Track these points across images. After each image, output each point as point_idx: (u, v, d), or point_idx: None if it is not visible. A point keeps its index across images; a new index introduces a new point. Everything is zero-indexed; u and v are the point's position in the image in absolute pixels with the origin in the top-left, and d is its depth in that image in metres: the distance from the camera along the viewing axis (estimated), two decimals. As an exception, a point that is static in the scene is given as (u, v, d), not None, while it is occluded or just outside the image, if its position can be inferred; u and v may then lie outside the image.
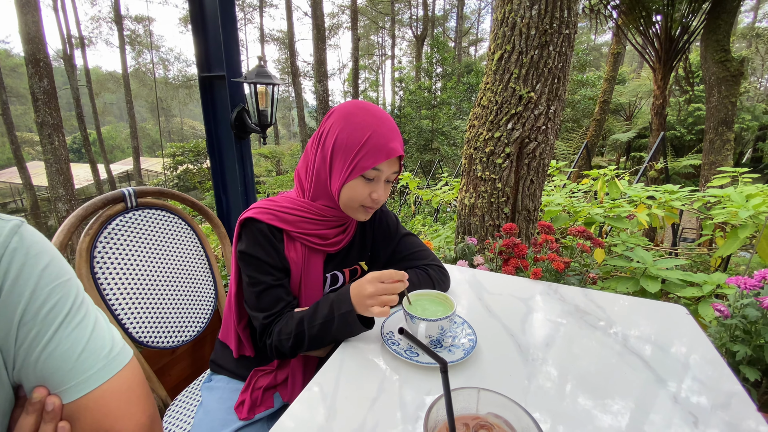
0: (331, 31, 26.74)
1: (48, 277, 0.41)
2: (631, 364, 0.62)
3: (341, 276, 0.87)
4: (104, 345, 0.44)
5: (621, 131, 14.87)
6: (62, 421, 0.41)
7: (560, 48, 2.34)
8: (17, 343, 0.40)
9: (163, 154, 16.29)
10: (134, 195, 0.90)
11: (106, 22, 23.58)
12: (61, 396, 0.41)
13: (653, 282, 1.86)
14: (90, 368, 0.42)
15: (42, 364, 0.40)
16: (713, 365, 0.60)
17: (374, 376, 0.60)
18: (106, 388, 0.43)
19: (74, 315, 0.43)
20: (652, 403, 0.53)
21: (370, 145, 0.71)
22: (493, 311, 0.79)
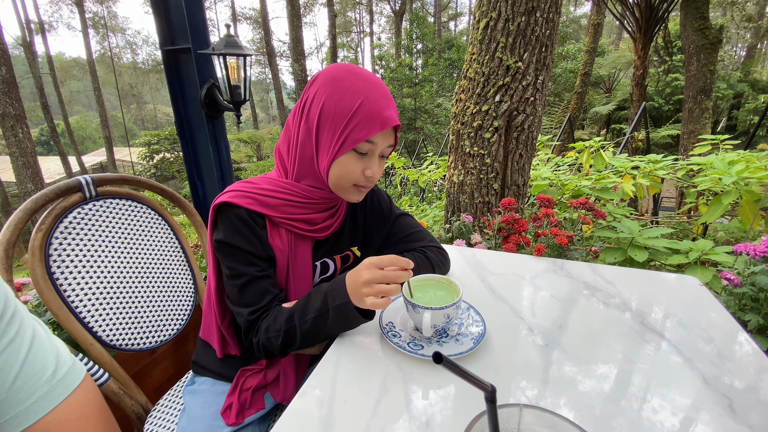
0: (306, 8, 25.75)
1: None
2: (652, 343, 0.58)
3: (332, 264, 0.79)
4: (46, 366, 0.36)
5: (601, 104, 14.96)
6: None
7: (548, 14, 2.25)
8: None
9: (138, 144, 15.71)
10: (93, 183, 0.80)
11: (66, 4, 22.16)
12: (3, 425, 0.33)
13: (641, 251, 1.86)
14: (29, 397, 0.34)
15: None
16: (737, 340, 0.56)
17: (375, 374, 0.53)
18: (50, 419, 0.35)
19: (3, 332, 0.34)
20: (682, 385, 0.49)
21: (362, 113, 0.61)
22: (498, 293, 0.73)
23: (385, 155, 0.69)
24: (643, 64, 7.34)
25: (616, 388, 0.49)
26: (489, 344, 0.58)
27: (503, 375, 0.52)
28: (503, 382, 0.50)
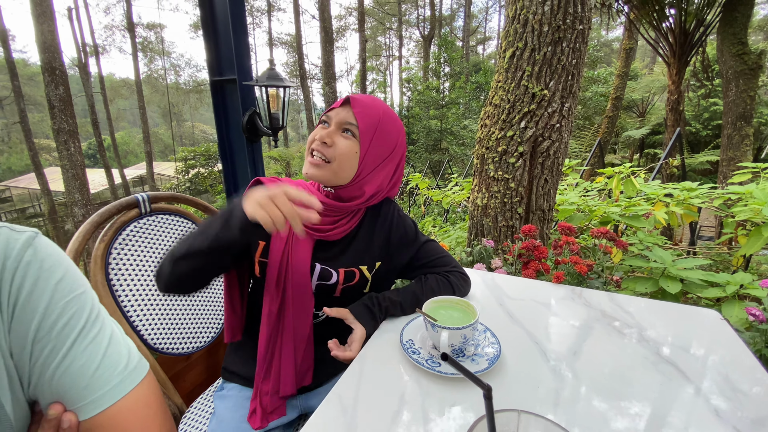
0: (338, 33, 26.83)
1: (62, 291, 0.40)
2: (666, 374, 0.59)
3: (335, 275, 0.80)
4: (120, 359, 0.43)
5: (634, 128, 14.60)
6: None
7: (574, 44, 2.29)
8: (32, 360, 0.39)
9: (176, 158, 16.52)
10: (148, 200, 0.90)
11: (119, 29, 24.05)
12: (78, 413, 0.40)
13: (673, 282, 1.80)
14: (106, 384, 0.41)
15: (57, 380, 0.39)
16: (755, 375, 0.57)
17: (396, 386, 0.58)
18: (122, 404, 0.42)
19: (89, 329, 0.42)
20: (693, 417, 0.50)
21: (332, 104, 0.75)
22: (515, 317, 0.76)
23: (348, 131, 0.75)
24: (678, 89, 7.17)
25: (625, 415, 0.51)
26: (503, 365, 0.61)
27: (515, 396, 0.55)
28: (514, 403, 0.53)
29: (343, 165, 0.74)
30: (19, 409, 0.39)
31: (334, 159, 0.73)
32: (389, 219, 0.85)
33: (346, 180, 0.76)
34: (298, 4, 17.81)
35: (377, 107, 0.77)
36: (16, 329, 0.38)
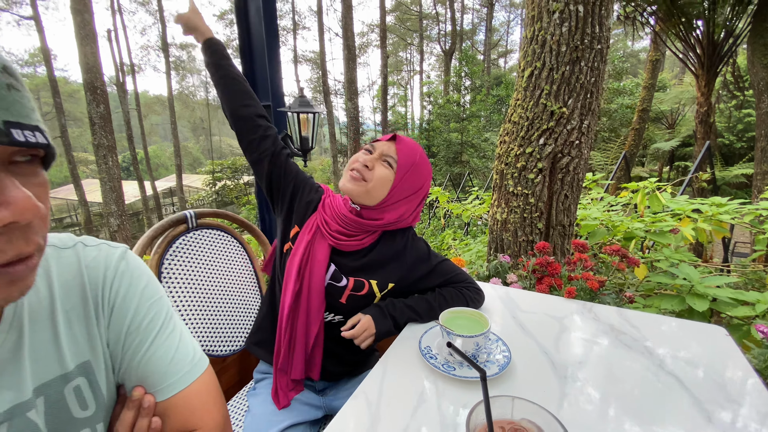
0: (360, 50, 27.48)
1: (147, 295, 0.50)
2: (667, 384, 0.63)
3: (344, 279, 0.89)
4: (188, 353, 0.52)
5: (663, 140, 14.19)
6: (155, 417, 0.48)
7: (592, 63, 2.33)
8: (124, 350, 0.48)
9: (210, 171, 17.15)
10: (195, 217, 1.01)
11: (154, 49, 25.45)
12: (155, 395, 0.49)
13: (701, 300, 1.77)
14: (178, 372, 0.50)
15: (142, 367, 0.48)
16: (755, 390, 0.60)
17: (414, 387, 0.65)
18: (190, 389, 0.51)
19: (166, 327, 0.51)
20: (687, 422, 0.54)
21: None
22: (527, 329, 0.82)
23: (388, 163, 0.86)
24: (708, 101, 6.99)
25: (623, 418, 0.56)
26: (513, 372, 0.67)
27: (522, 394, 0.61)
28: None
29: (376, 187, 0.84)
30: (109, 392, 0.49)
31: (371, 180, 0.84)
32: (404, 242, 0.94)
33: (374, 202, 0.86)
34: (322, 23, 18.43)
35: (417, 150, 0.88)
36: (113, 325, 0.47)
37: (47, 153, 0.34)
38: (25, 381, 0.41)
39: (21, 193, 0.31)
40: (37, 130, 0.32)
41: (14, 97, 0.31)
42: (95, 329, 0.46)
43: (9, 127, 0.30)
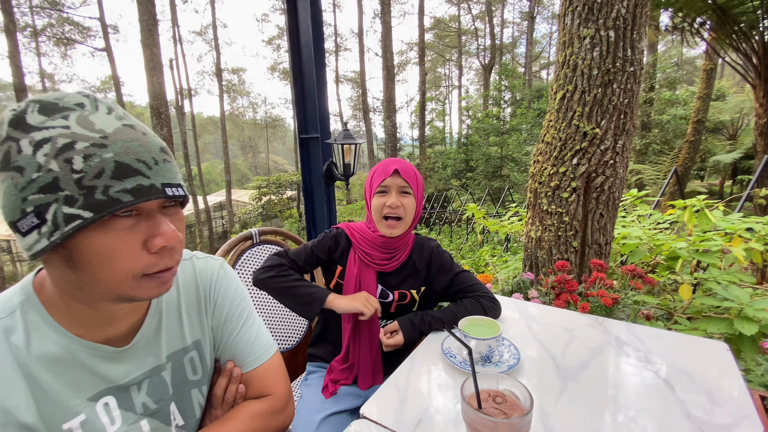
0: (399, 68, 28.13)
1: (237, 294, 0.68)
2: (658, 388, 0.71)
3: (390, 294, 1.08)
4: (264, 339, 0.70)
5: (723, 152, 13.22)
6: (240, 384, 0.66)
7: (625, 85, 2.37)
8: (221, 333, 0.66)
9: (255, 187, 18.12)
10: (258, 234, 1.22)
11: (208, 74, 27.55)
12: (242, 368, 0.67)
13: (750, 324, 1.72)
14: (257, 352, 0.68)
15: (232, 347, 0.67)
16: (741, 402, 0.67)
17: (435, 378, 0.79)
18: (266, 365, 0.68)
19: (249, 319, 0.69)
20: (671, 422, 0.63)
21: (377, 172, 1.04)
22: (539, 338, 0.92)
23: (405, 192, 1.03)
24: (767, 113, 6.54)
25: (614, 414, 0.66)
26: (521, 371, 0.79)
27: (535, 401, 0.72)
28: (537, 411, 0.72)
29: (409, 216, 1.03)
30: (211, 363, 0.67)
31: (406, 215, 1.02)
32: (430, 253, 1.12)
33: (408, 226, 1.04)
34: (362, 44, 19.17)
35: (411, 167, 1.06)
36: (215, 315, 0.66)
37: (185, 199, 0.53)
38: (161, 350, 0.59)
39: (169, 228, 0.48)
40: (179, 187, 0.49)
41: (167, 167, 0.48)
42: (204, 317, 0.65)
43: (164, 186, 0.47)
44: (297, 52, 1.56)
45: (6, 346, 0.47)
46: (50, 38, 17.70)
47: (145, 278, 0.48)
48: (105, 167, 0.43)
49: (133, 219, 0.46)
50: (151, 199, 0.45)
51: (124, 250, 0.46)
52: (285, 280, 1.00)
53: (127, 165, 0.44)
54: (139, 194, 0.44)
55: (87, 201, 0.42)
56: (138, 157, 0.45)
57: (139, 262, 0.47)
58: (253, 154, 37.17)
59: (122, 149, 0.44)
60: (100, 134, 0.44)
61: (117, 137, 0.45)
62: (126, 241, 0.46)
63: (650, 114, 13.13)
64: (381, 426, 0.65)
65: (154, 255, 0.48)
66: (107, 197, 0.43)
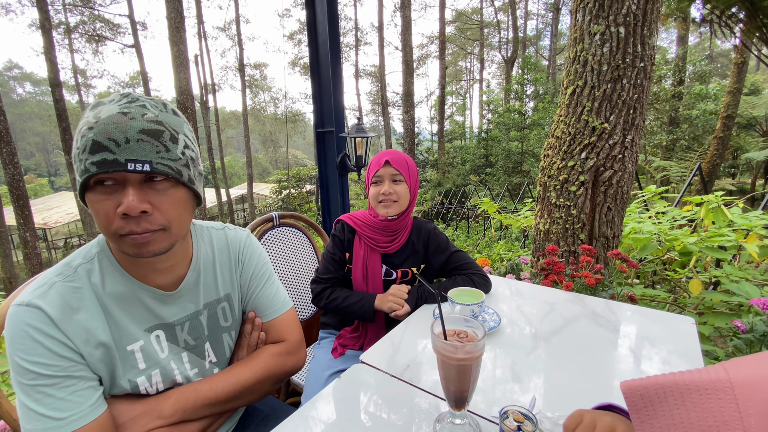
0: (419, 62, 27.98)
1: (260, 258, 0.82)
2: (621, 350, 0.82)
3: (394, 273, 1.21)
4: (282, 295, 0.84)
5: (756, 149, 12.66)
6: (262, 332, 0.80)
7: (635, 81, 2.40)
8: (248, 288, 0.81)
9: (276, 181, 18.48)
10: (278, 217, 1.37)
11: (231, 70, 28.13)
12: (262, 318, 0.81)
13: (759, 319, 1.75)
14: (276, 305, 0.82)
15: (256, 300, 0.81)
16: (692, 366, 0.76)
17: (424, 336, 0.92)
18: (283, 317, 0.82)
19: (270, 279, 0.83)
20: (625, 375, 0.73)
21: (371, 165, 1.18)
22: (522, 309, 1.04)
23: (397, 180, 1.15)
24: (801, 107, 6.29)
25: (576, 369, 0.76)
26: (500, 332, 0.91)
27: (502, 347, 0.84)
28: (500, 351, 0.84)
29: (403, 199, 1.15)
30: (239, 313, 0.82)
31: (399, 199, 1.15)
32: (427, 234, 1.24)
33: (404, 209, 1.16)
34: (382, 38, 19.19)
35: (402, 156, 1.17)
36: (243, 274, 0.80)
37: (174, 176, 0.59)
38: (200, 299, 0.74)
39: (130, 199, 0.56)
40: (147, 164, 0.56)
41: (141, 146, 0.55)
42: (234, 275, 0.79)
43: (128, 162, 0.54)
44: (315, 50, 1.69)
45: (88, 284, 0.62)
46: (82, 35, 18.49)
47: (121, 238, 0.58)
48: (87, 144, 0.55)
49: (112, 188, 0.57)
50: (110, 171, 0.55)
51: (101, 211, 0.57)
52: (336, 303, 1.15)
53: (99, 143, 0.54)
54: (102, 166, 0.54)
55: (79, 168, 0.56)
56: (110, 136, 0.55)
57: (112, 224, 0.57)
58: (273, 148, 37.83)
59: (100, 130, 0.55)
60: (95, 120, 0.56)
61: (103, 121, 0.55)
62: (103, 204, 0.57)
63: (678, 109, 12.67)
64: (376, 369, 0.78)
65: (122, 219, 0.57)
66: (84, 167, 0.55)
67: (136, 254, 0.61)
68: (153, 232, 0.60)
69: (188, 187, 0.64)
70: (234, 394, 0.72)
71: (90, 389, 0.60)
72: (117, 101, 0.59)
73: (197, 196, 0.68)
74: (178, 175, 0.61)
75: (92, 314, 0.61)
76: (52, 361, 0.56)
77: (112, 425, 0.61)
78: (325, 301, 1.15)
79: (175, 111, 0.64)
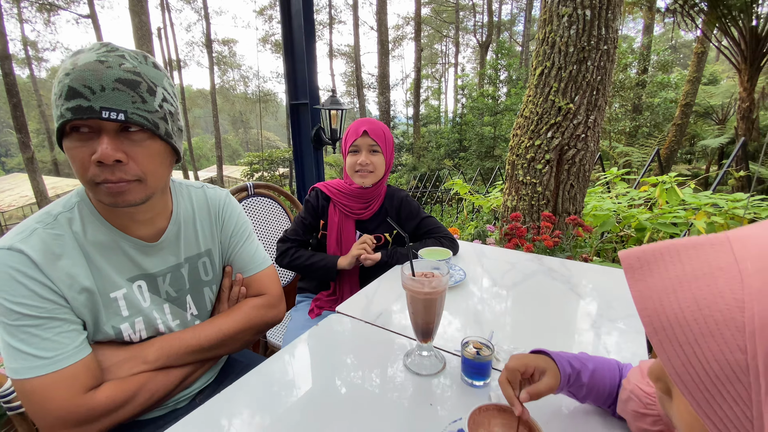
0: (395, 43, 27.60)
1: (240, 217, 0.85)
2: (571, 298, 0.91)
3: None
4: (261, 254, 0.88)
5: (711, 136, 13.45)
6: (243, 287, 0.84)
7: (598, 63, 2.51)
8: (229, 245, 0.83)
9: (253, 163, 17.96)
10: (252, 187, 1.38)
11: (198, 45, 26.76)
12: (243, 274, 0.84)
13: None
14: (256, 261, 0.85)
15: (237, 257, 0.84)
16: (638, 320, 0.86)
17: (396, 290, 1.00)
18: (262, 273, 0.86)
19: (250, 237, 0.86)
20: (575, 320, 0.83)
21: (349, 133, 1.20)
22: (485, 267, 1.13)
23: (374, 150, 1.19)
24: (750, 97, 6.71)
25: (530, 315, 0.86)
26: (465, 284, 1.01)
27: (466, 298, 0.92)
28: (464, 300, 0.92)
29: (379, 169, 1.20)
30: (220, 269, 0.84)
31: (375, 169, 1.20)
32: (400, 201, 1.30)
33: (380, 178, 1.21)
34: (357, 17, 18.77)
35: (380, 126, 1.20)
36: (224, 231, 0.82)
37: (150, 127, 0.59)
38: (180, 252, 0.76)
39: (105, 147, 0.56)
40: (122, 113, 0.56)
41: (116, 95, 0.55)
42: (215, 231, 0.81)
43: (102, 109, 0.54)
44: (288, 20, 1.67)
45: (70, 231, 0.64)
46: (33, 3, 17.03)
47: (97, 186, 0.59)
48: (63, 90, 0.55)
49: (88, 135, 0.58)
50: (84, 118, 0.55)
51: (77, 157, 0.58)
52: (300, 261, 1.18)
53: (75, 89, 0.55)
54: (77, 112, 0.55)
55: (55, 114, 0.57)
56: (85, 83, 0.55)
57: (87, 171, 0.58)
58: (244, 129, 36.63)
59: (76, 77, 0.55)
60: (72, 66, 0.56)
61: (80, 68, 0.55)
62: (79, 151, 0.58)
63: (642, 96, 13.20)
64: (351, 317, 0.84)
65: (97, 167, 0.58)
66: (60, 113, 0.56)
67: (112, 203, 0.62)
68: (128, 182, 0.61)
69: (165, 141, 0.64)
70: (216, 342, 0.76)
71: (74, 332, 0.62)
72: (96, 49, 0.59)
73: (176, 152, 0.69)
74: (154, 128, 0.61)
75: (75, 261, 0.63)
76: (37, 302, 0.58)
77: (97, 367, 0.64)
78: (289, 258, 1.18)
79: (156, 64, 0.64)
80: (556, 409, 0.58)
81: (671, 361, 0.27)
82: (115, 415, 0.63)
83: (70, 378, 0.59)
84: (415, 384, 0.64)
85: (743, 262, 0.26)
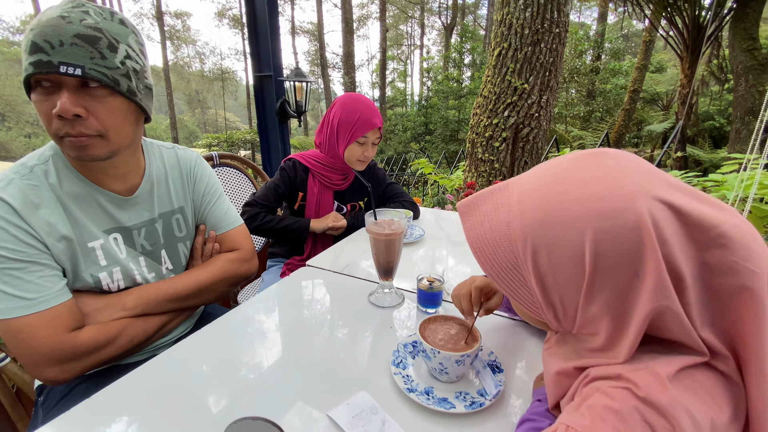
0: (360, 22, 27.03)
1: (211, 177, 0.89)
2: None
3: (344, 207, 1.36)
4: (233, 212, 0.92)
5: (656, 122, 14.41)
6: (216, 243, 0.89)
7: (551, 45, 2.66)
8: (201, 204, 0.87)
9: (202, 144, 17.20)
10: (218, 157, 1.40)
11: (148, 18, 24.91)
12: (216, 231, 0.89)
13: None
14: (228, 219, 0.90)
15: (209, 215, 0.88)
16: None
17: (362, 245, 1.10)
18: (235, 230, 0.90)
19: (221, 197, 0.90)
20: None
21: (360, 121, 1.18)
22: (443, 228, 1.26)
23: (376, 143, 1.25)
24: (690, 83, 7.25)
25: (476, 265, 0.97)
26: (424, 240, 1.14)
27: (423, 250, 1.04)
28: (422, 252, 1.04)
29: None
30: (193, 226, 0.88)
31: (371, 157, 1.27)
32: (369, 169, 1.39)
33: None
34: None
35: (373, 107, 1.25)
36: (195, 190, 0.86)
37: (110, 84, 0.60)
38: (154, 208, 0.80)
39: (64, 101, 0.57)
40: (80, 68, 0.57)
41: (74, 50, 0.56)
42: (187, 190, 0.85)
43: (60, 64, 0.55)
44: (250, -11, 1.66)
45: (46, 183, 0.66)
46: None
47: (60, 139, 0.62)
48: (27, 44, 0.57)
49: (50, 89, 0.59)
50: (44, 72, 0.56)
51: (41, 111, 0.60)
52: (270, 224, 1.21)
53: (36, 43, 0.56)
54: (37, 66, 0.56)
55: (23, 67, 0.59)
56: (45, 38, 0.56)
57: (51, 125, 0.61)
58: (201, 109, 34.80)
59: (39, 32, 0.57)
60: (38, 21, 0.58)
61: (42, 23, 0.57)
62: (43, 105, 0.60)
63: (595, 83, 13.85)
64: (321, 269, 0.92)
65: (59, 121, 0.60)
66: (24, 66, 0.58)
67: (76, 156, 0.64)
68: (89, 137, 0.62)
69: (128, 98, 0.65)
70: (193, 292, 0.81)
71: (55, 277, 0.65)
72: (62, 6, 0.61)
73: (143, 110, 0.71)
74: (114, 84, 0.62)
75: (53, 210, 0.65)
76: (18, 246, 0.61)
77: (79, 311, 0.67)
78: (259, 222, 1.22)
79: (123, 21, 0.66)
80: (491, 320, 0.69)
81: (486, 268, 0.40)
82: (97, 355, 0.68)
83: (53, 318, 0.63)
84: (379, 315, 0.74)
85: (512, 197, 0.38)
